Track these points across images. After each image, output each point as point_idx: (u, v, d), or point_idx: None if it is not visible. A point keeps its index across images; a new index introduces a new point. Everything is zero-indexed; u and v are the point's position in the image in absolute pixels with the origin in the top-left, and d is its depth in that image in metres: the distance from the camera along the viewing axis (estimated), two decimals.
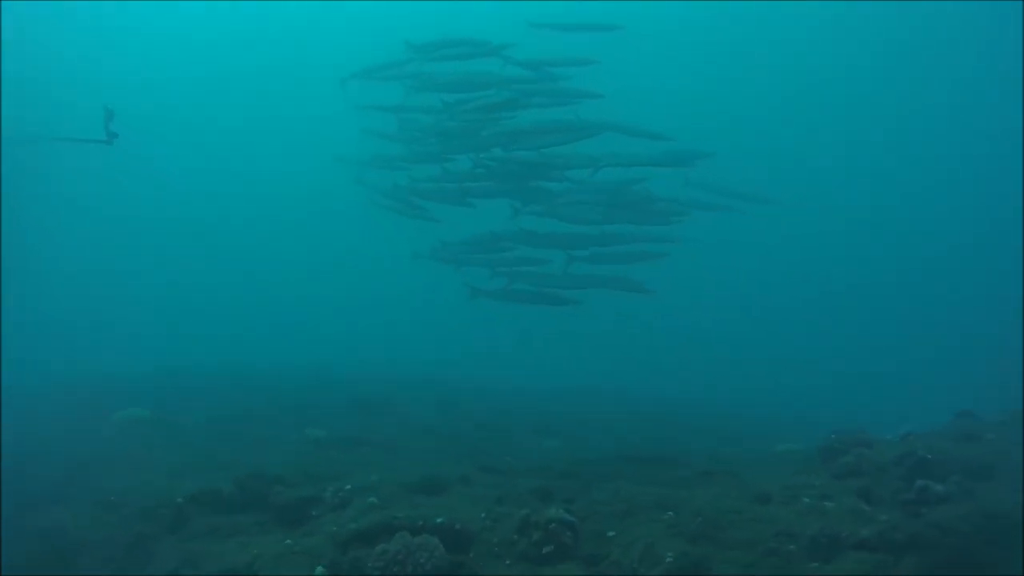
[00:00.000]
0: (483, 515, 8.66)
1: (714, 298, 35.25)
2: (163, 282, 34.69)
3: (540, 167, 14.99)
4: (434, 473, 10.96)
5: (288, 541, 8.82)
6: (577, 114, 14.68)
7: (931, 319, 32.87)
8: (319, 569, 7.90)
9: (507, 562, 7.83)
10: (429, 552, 7.71)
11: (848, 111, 38.02)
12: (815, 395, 23.65)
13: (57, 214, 31.84)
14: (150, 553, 9.27)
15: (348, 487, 10.38)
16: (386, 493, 10.13)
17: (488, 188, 15.61)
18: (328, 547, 8.40)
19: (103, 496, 10.68)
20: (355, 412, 16.77)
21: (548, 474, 11.41)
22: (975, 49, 34.42)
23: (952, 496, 7.82)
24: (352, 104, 17.20)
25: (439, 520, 8.56)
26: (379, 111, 16.81)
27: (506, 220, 15.82)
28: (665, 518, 8.04)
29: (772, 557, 7.34)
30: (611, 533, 7.95)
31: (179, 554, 9.18)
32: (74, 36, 43.29)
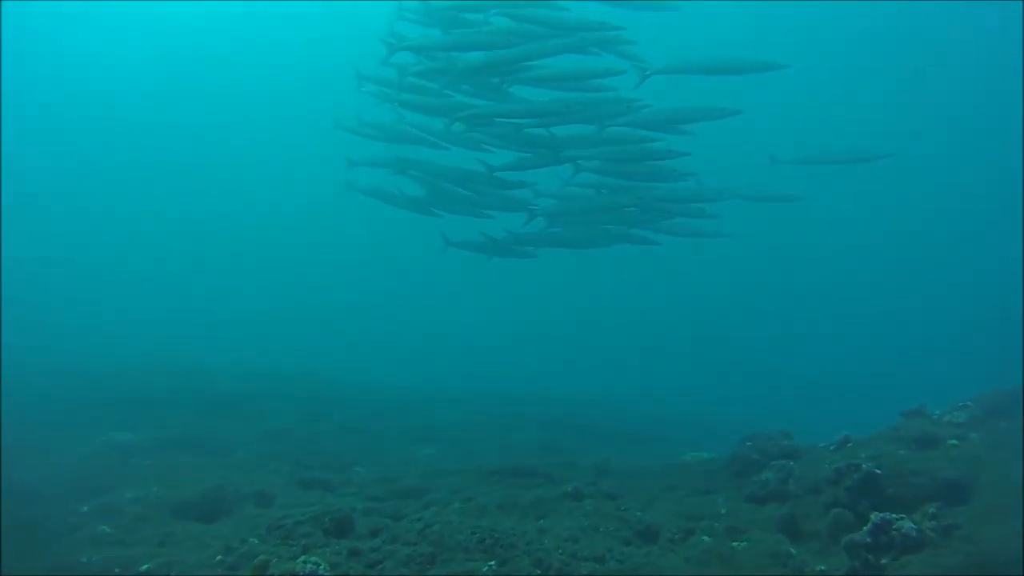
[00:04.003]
0: (219, 558, 5.26)
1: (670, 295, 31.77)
2: None
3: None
4: (220, 486, 7.59)
5: None
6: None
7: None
8: None
9: None
10: None
11: (843, 109, 34.58)
12: (751, 402, 20.49)
13: None
14: None
15: (84, 509, 6.95)
16: (133, 517, 6.77)
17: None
18: None
19: None
20: (201, 410, 13.12)
21: (380, 489, 8.15)
22: (974, 48, 31.55)
23: (928, 539, 4.62)
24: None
25: (144, 567, 5.15)
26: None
27: None
28: (483, 572, 4.69)
29: None
30: None
31: None
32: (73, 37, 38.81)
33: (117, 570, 5.14)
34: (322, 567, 4.58)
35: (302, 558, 4.69)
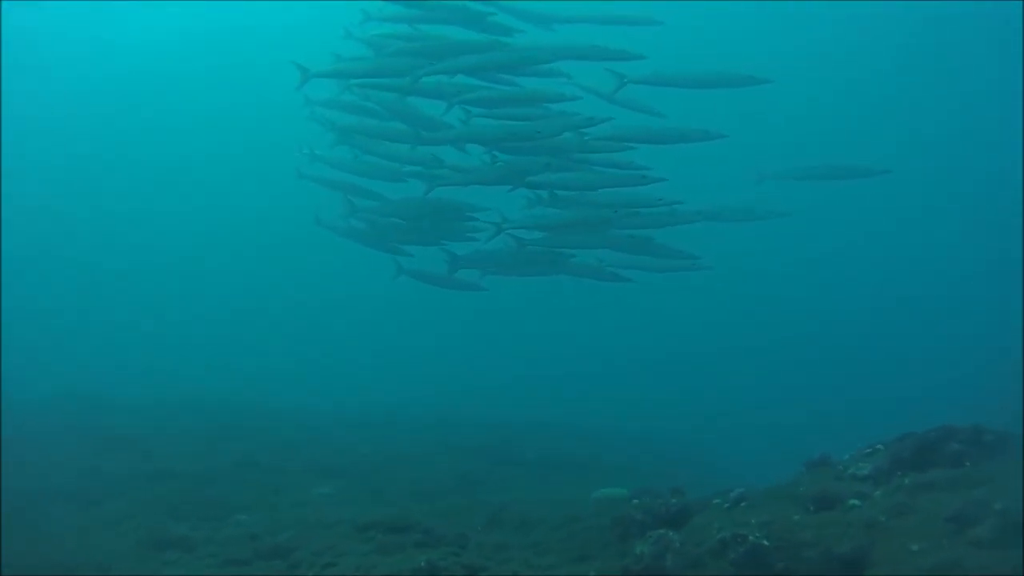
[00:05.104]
0: None
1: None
2: None
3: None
4: (52, 556, 6.70)
5: None
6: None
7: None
8: None
9: None
10: None
11: (838, 113, 33.30)
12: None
13: None
14: None
15: None
16: None
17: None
18: None
19: None
20: (88, 449, 12.09)
21: (245, 549, 7.35)
22: (972, 51, 30.75)
23: None
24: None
25: None
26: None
27: None
28: None
29: None
30: None
31: None
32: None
33: None
34: None
35: None
